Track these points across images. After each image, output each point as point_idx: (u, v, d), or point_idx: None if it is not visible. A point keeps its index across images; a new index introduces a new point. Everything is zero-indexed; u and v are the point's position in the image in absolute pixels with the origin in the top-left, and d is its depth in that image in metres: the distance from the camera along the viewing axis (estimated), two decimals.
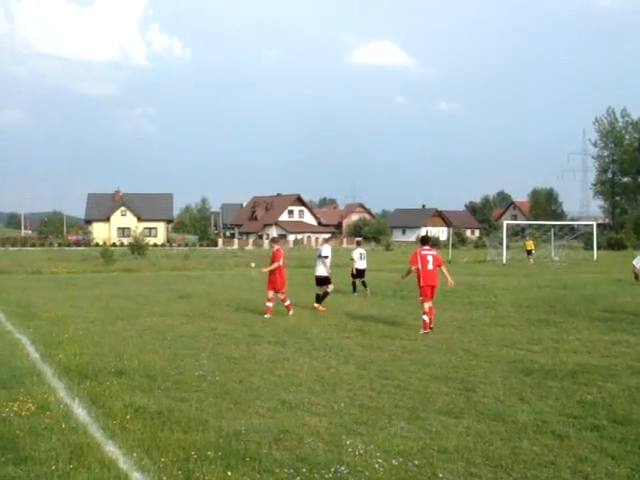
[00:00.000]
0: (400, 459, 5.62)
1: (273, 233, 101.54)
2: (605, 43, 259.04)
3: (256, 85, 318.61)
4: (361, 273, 21.28)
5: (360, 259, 21.34)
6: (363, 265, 21.40)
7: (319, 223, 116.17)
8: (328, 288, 16.96)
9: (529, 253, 42.53)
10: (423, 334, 12.52)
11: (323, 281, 17.09)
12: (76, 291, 22.11)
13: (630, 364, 9.64)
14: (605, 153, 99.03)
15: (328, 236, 26.36)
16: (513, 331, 12.99)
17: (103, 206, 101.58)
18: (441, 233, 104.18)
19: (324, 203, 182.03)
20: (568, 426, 6.58)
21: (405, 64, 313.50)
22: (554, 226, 53.10)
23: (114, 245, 75.80)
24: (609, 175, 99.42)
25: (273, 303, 15.39)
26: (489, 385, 8.34)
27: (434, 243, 31.17)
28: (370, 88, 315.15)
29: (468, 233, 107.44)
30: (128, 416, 6.78)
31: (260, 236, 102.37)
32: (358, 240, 24.84)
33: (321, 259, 17.34)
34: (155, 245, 76.60)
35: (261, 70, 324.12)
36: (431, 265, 13.21)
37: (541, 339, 11.94)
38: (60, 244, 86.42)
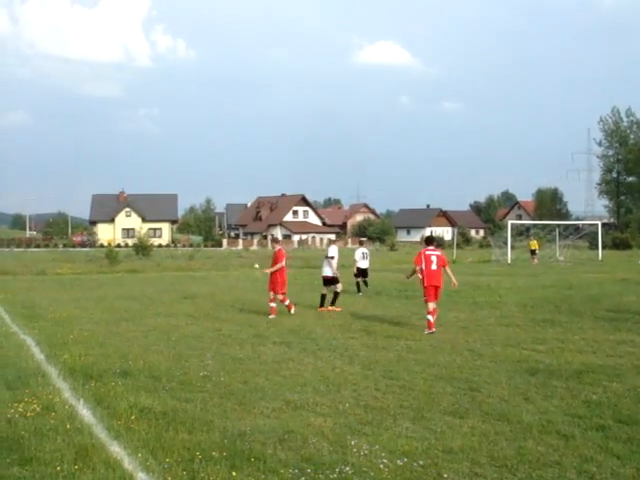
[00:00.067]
0: (405, 459, 5.62)
1: (278, 233, 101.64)
2: (610, 42, 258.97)
3: (260, 85, 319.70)
4: (364, 272, 21.27)
5: (362, 258, 21.34)
6: (365, 264, 21.40)
7: (323, 223, 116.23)
8: (337, 288, 16.96)
9: (533, 253, 42.49)
10: (428, 334, 12.50)
11: (330, 281, 17.12)
12: (81, 292, 22.16)
13: (635, 364, 9.61)
14: (610, 152, 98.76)
15: (335, 237, 26.35)
16: (518, 331, 12.97)
17: (108, 207, 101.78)
18: (446, 233, 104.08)
19: (329, 203, 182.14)
20: (573, 426, 6.57)
21: (409, 64, 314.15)
22: (559, 226, 52.99)
23: (119, 246, 76.00)
24: (614, 175, 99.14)
25: (276, 303, 15.42)
26: (494, 385, 8.32)
27: (439, 243, 31.05)
28: (374, 88, 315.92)
29: (473, 233, 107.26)
30: (133, 417, 6.79)
31: (265, 236, 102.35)
32: (361, 240, 24.84)
33: (327, 260, 17.39)
34: (160, 246, 76.63)
35: (265, 70, 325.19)
36: (435, 265, 13.17)
37: (546, 339, 11.91)
38: (65, 245, 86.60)
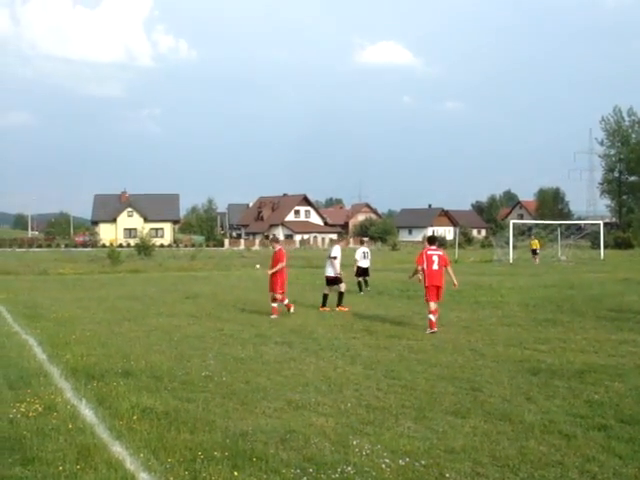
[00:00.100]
0: (407, 459, 5.62)
1: (279, 233, 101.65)
2: (611, 41, 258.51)
3: (262, 85, 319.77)
4: (364, 272, 21.27)
5: (363, 258, 21.35)
6: (366, 264, 21.41)
7: (325, 223, 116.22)
8: (340, 288, 16.95)
9: (534, 252, 42.52)
10: (430, 334, 12.50)
11: (333, 281, 17.12)
12: (83, 292, 22.18)
13: (637, 363, 9.60)
14: (612, 152, 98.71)
15: (338, 237, 26.41)
16: (520, 331, 12.96)
17: (110, 207, 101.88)
18: (447, 233, 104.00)
19: (330, 203, 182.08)
20: (575, 426, 6.56)
21: (411, 64, 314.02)
22: (561, 225, 53.00)
23: (121, 246, 76.01)
24: (616, 174, 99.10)
25: (277, 303, 15.41)
26: (496, 385, 8.32)
27: (441, 243, 31.09)
28: (376, 88, 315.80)
29: (474, 233, 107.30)
30: (135, 417, 6.79)
31: (267, 236, 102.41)
32: (361, 239, 24.88)
33: (330, 260, 17.40)
34: (162, 246, 76.71)
35: (267, 70, 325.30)
36: (436, 265, 13.16)
37: (548, 339, 11.90)
38: (67, 245, 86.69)
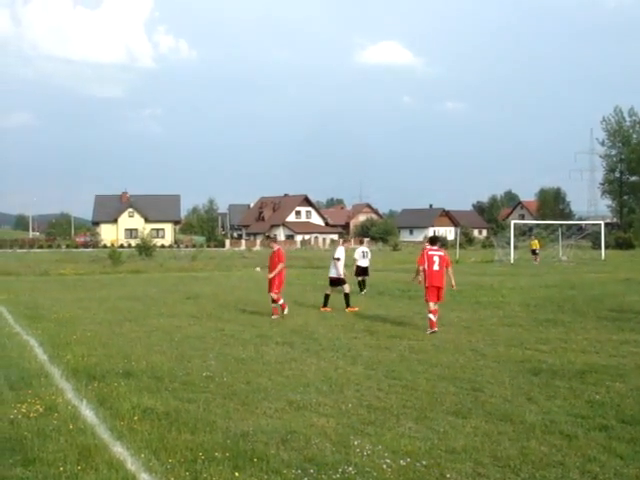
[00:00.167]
0: (408, 459, 5.62)
1: (280, 234, 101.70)
2: (612, 41, 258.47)
3: (263, 86, 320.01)
4: (364, 271, 21.27)
5: (363, 257, 21.34)
6: (366, 263, 21.41)
7: (326, 224, 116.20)
8: (345, 289, 16.94)
9: (534, 253, 42.54)
10: (430, 333, 12.49)
11: (336, 282, 17.12)
12: (84, 292, 22.19)
13: (639, 364, 9.59)
14: (613, 152, 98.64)
15: (342, 238, 26.43)
16: (521, 331, 12.95)
17: (110, 207, 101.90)
18: (448, 233, 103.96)
19: (331, 203, 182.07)
20: (576, 426, 6.56)
21: (411, 64, 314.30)
22: (562, 225, 53.00)
23: (122, 246, 75.99)
24: (617, 174, 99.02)
25: (275, 303, 15.36)
26: (497, 385, 8.31)
27: (442, 243, 31.09)
28: (377, 88, 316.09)
29: (476, 233, 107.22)
30: (136, 417, 6.79)
31: (267, 236, 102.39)
32: (361, 238, 24.92)
33: (333, 261, 17.41)
34: (162, 246, 76.69)
35: (268, 71, 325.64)
36: (437, 266, 13.11)
37: (549, 339, 11.89)
38: (68, 246, 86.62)
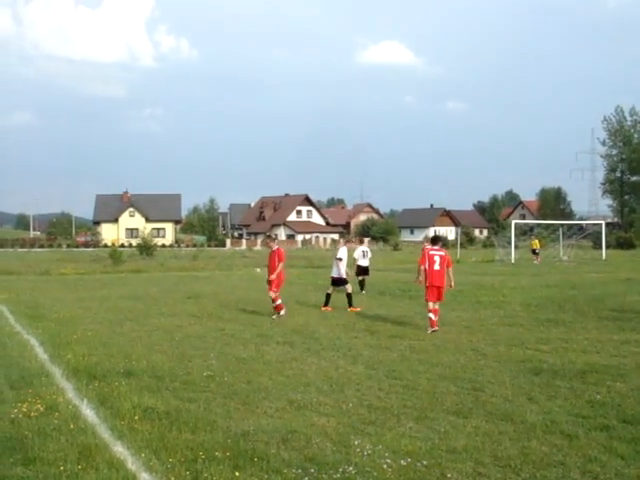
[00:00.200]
0: (408, 459, 5.61)
1: (281, 233, 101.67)
2: (613, 40, 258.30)
3: (264, 85, 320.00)
4: (364, 271, 21.27)
5: (363, 257, 21.34)
6: (366, 263, 21.41)
7: (327, 223, 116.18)
8: (347, 289, 16.94)
9: (534, 252, 42.55)
10: (431, 333, 12.49)
11: (337, 282, 17.13)
12: (85, 292, 22.19)
13: (639, 363, 9.60)
14: (614, 152, 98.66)
15: (344, 238, 26.36)
16: (522, 331, 12.95)
17: (111, 207, 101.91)
18: (449, 233, 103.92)
19: (332, 203, 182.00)
20: (577, 426, 6.55)
21: (412, 63, 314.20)
22: (562, 225, 53.00)
23: (122, 246, 76.05)
24: (618, 174, 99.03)
25: (275, 302, 15.32)
26: (498, 385, 8.31)
27: (443, 243, 31.05)
28: (378, 88, 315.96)
29: (476, 233, 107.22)
30: (136, 417, 6.79)
31: (268, 236, 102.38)
32: (361, 238, 24.91)
33: (336, 261, 17.41)
34: (163, 246, 76.78)
35: (269, 70, 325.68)
36: (438, 265, 13.10)
37: (550, 339, 11.88)
38: (69, 245, 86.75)
